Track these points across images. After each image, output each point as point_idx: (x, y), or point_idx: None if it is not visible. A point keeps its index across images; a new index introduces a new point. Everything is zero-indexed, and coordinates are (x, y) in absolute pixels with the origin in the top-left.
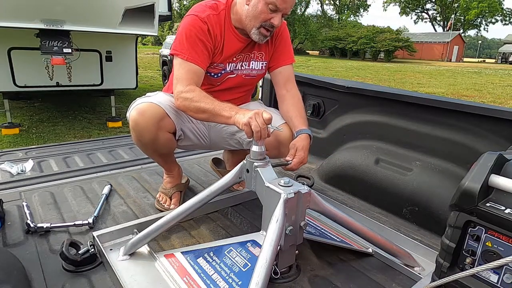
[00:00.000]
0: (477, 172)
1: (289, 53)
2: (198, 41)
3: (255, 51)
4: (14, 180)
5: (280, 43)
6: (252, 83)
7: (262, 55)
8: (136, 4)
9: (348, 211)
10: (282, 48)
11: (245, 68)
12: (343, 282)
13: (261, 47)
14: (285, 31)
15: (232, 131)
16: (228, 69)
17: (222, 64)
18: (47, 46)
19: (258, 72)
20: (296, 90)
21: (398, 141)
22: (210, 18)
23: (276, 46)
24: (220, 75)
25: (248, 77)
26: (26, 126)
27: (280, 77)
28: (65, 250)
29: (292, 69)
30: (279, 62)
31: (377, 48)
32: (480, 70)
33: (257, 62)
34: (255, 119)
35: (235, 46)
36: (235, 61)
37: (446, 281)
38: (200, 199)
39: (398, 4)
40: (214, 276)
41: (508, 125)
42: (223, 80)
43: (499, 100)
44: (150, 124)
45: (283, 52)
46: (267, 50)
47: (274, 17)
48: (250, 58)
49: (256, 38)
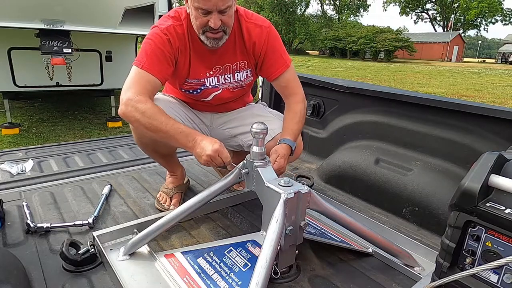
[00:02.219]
0: (477, 172)
1: (281, 60)
2: (157, 50)
3: (237, 61)
4: (14, 180)
5: (267, 53)
6: (243, 91)
7: (245, 63)
8: (136, 4)
9: (348, 211)
10: (272, 58)
11: (231, 81)
12: (343, 282)
13: (241, 56)
14: (272, 40)
15: (234, 133)
16: (209, 85)
17: (197, 79)
18: (47, 46)
19: (246, 81)
20: (296, 96)
21: (398, 141)
22: (170, 29)
23: (264, 57)
24: (200, 91)
25: (236, 89)
26: (26, 126)
27: (278, 87)
28: (65, 250)
29: (290, 74)
30: (272, 73)
31: (377, 48)
32: (480, 70)
33: (241, 72)
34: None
35: (205, 58)
36: (214, 75)
37: (446, 281)
38: (200, 199)
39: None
40: (214, 276)
41: (508, 125)
42: (209, 98)
43: (499, 100)
44: None
45: (273, 62)
46: (248, 58)
47: (210, 19)
48: (233, 70)
49: (209, 43)
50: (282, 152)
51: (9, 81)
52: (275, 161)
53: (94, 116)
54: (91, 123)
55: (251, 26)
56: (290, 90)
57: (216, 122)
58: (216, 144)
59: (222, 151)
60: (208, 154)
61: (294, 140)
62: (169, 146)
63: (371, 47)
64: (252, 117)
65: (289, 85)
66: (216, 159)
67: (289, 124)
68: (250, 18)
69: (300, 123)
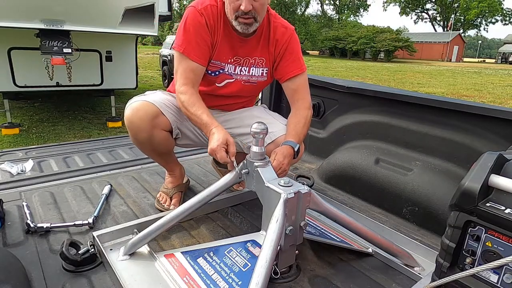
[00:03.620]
0: (477, 172)
1: (297, 63)
2: (196, 34)
3: (256, 56)
4: (14, 180)
5: (285, 54)
6: (254, 90)
7: (263, 61)
8: (136, 4)
9: (348, 211)
10: (289, 60)
11: (245, 74)
12: (343, 282)
13: (262, 52)
14: (293, 42)
15: (233, 133)
16: (227, 71)
17: (218, 62)
18: (47, 46)
19: (259, 78)
20: (304, 102)
21: (398, 141)
22: (207, 10)
23: (282, 55)
24: (218, 74)
25: (247, 83)
26: (26, 126)
27: (288, 90)
28: (65, 250)
29: (303, 79)
30: (287, 73)
31: (377, 48)
32: (480, 70)
33: (257, 68)
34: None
35: (231, 44)
36: (233, 63)
37: (446, 281)
38: (200, 199)
39: (398, 4)
40: (214, 276)
41: (508, 125)
42: (222, 83)
43: (499, 100)
44: (144, 122)
45: (290, 63)
46: (268, 56)
47: (242, 2)
48: (251, 63)
49: (240, 29)
50: (283, 151)
51: (9, 81)
52: (274, 160)
53: (94, 116)
54: (91, 123)
55: (278, 25)
56: (300, 95)
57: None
58: (223, 138)
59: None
60: (211, 148)
61: (298, 143)
62: (165, 144)
63: (371, 47)
64: (252, 118)
65: (299, 89)
66: (219, 152)
67: (294, 127)
68: (278, 19)
69: (305, 128)
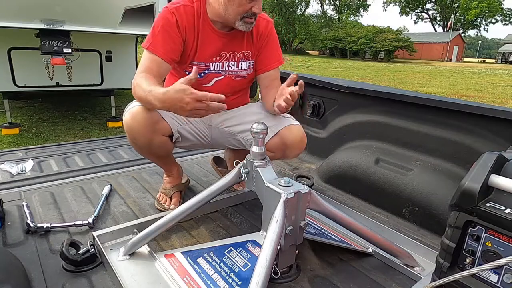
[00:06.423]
0: (477, 172)
1: (277, 55)
2: (164, 32)
3: (243, 50)
4: (14, 180)
5: (267, 44)
6: (245, 83)
7: (249, 54)
8: (136, 4)
9: (348, 211)
10: (270, 51)
11: (234, 69)
12: (343, 282)
13: (247, 45)
14: (273, 33)
15: (234, 131)
16: (213, 69)
17: (203, 63)
18: (47, 46)
19: (248, 72)
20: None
21: (398, 141)
22: (179, 10)
23: (263, 47)
24: (204, 75)
25: (238, 78)
26: (26, 126)
27: (267, 80)
28: (65, 250)
29: (279, 70)
30: (267, 65)
31: (377, 48)
32: (480, 70)
33: (245, 62)
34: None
35: (213, 42)
36: (219, 61)
37: (446, 281)
38: (200, 199)
39: (398, 4)
40: (214, 276)
41: (508, 125)
42: (210, 83)
43: (499, 100)
44: (144, 128)
45: (271, 55)
46: (252, 48)
47: (254, 5)
48: (238, 58)
49: (243, 28)
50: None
51: (9, 81)
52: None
53: (94, 116)
54: (91, 123)
55: (259, 18)
56: (277, 84)
57: (215, 121)
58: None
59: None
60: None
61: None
62: (164, 148)
63: (371, 47)
64: (251, 115)
65: (277, 79)
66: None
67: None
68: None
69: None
